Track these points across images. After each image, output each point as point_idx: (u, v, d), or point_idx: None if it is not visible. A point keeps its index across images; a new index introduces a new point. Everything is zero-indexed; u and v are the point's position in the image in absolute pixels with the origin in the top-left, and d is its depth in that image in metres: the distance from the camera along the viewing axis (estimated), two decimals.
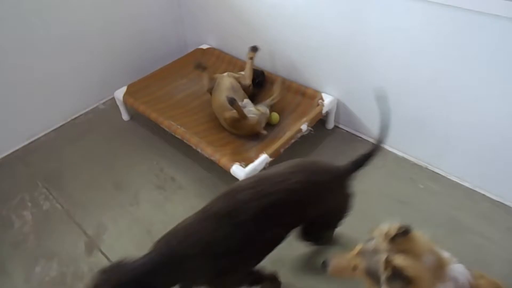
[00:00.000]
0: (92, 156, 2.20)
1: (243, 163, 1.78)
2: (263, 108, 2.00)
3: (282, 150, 1.88)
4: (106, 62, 2.51)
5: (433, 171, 1.95)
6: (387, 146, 2.09)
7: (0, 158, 2.22)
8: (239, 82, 2.11)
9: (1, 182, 2.08)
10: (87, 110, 2.53)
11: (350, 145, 2.14)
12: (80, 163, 2.16)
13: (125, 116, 2.42)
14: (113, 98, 2.56)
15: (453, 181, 1.90)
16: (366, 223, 1.71)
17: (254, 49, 2.22)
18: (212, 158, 1.83)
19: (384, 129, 1.43)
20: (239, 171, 1.73)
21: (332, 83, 2.12)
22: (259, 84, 2.27)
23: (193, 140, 1.92)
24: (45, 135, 2.37)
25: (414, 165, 1.99)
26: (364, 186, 1.88)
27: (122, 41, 2.54)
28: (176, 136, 2.00)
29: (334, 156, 2.06)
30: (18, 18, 2.00)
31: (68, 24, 2.22)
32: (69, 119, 2.46)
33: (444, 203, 1.80)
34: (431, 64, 1.68)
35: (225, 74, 2.15)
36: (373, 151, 1.40)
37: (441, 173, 1.93)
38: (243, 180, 1.31)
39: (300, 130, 1.94)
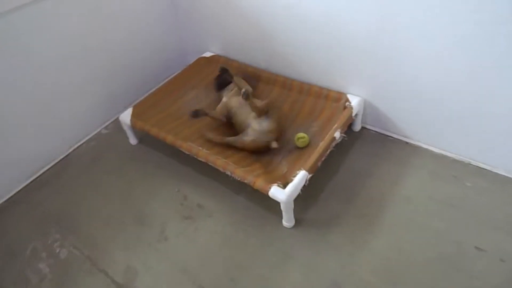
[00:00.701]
0: (104, 188, 2.00)
1: (279, 182, 1.62)
2: (263, 123, 1.79)
3: (319, 163, 1.72)
4: (104, 84, 2.30)
5: (477, 167, 1.83)
6: (422, 144, 1.96)
7: (1, 203, 2.00)
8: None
9: (8, 230, 1.86)
10: (89, 137, 2.32)
11: (382, 146, 2.00)
12: (93, 198, 1.95)
13: (133, 140, 2.22)
14: (116, 121, 2.37)
15: (501, 175, 1.78)
16: (423, 234, 1.63)
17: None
18: (245, 181, 1.66)
19: None
20: (278, 193, 1.57)
21: (356, 82, 1.97)
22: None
23: (219, 163, 1.74)
24: (47, 170, 2.14)
25: (455, 161, 1.87)
26: (407, 192, 1.77)
27: (119, 60, 2.33)
28: (199, 159, 1.82)
29: (368, 160, 1.92)
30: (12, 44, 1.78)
31: (61, 50, 1.99)
32: (71, 150, 2.24)
33: (497, 200, 1.69)
34: (468, 58, 1.55)
35: (231, 92, 2.03)
36: None
37: (486, 168, 1.81)
38: None
39: (334, 138, 1.78)
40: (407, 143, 2.00)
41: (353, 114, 1.91)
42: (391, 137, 2.04)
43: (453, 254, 1.52)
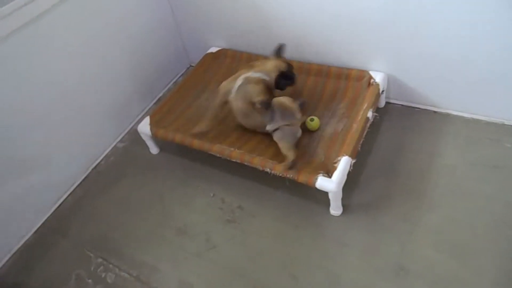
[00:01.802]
0: (136, 205, 1.92)
1: (323, 172, 1.57)
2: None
3: (359, 147, 1.68)
4: (111, 97, 2.19)
5: None
6: (451, 111, 1.94)
7: (31, 235, 1.91)
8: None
9: (45, 263, 1.78)
10: (106, 153, 2.22)
11: (411, 119, 1.97)
12: (126, 217, 1.88)
13: (154, 150, 2.13)
14: (130, 132, 2.29)
15: None
16: (473, 201, 1.61)
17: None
18: (288, 176, 1.61)
19: None
20: (327, 183, 1.53)
21: (377, 57, 1.92)
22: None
23: (256, 161, 1.68)
24: (70, 194, 2.05)
25: (488, 124, 1.85)
26: (447, 161, 1.75)
27: (122, 71, 2.22)
28: (233, 160, 1.75)
29: (401, 135, 1.89)
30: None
31: (61, 70, 1.88)
32: (90, 169, 2.15)
33: None
34: (490, 19, 1.51)
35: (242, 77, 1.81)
36: None
37: None
38: None
39: (368, 119, 1.74)
40: (435, 112, 1.97)
41: (380, 91, 1.86)
42: (418, 108, 2.01)
43: (508, 215, 1.52)
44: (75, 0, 1.83)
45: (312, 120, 1.79)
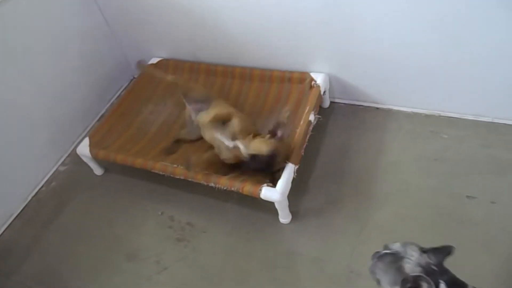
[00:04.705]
0: (81, 232, 1.82)
1: (267, 181, 1.55)
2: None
3: (302, 152, 1.67)
4: (50, 118, 2.06)
5: (448, 117, 1.87)
6: (392, 106, 1.97)
7: None
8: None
9: None
10: (47, 178, 2.09)
11: (356, 117, 1.99)
12: (71, 246, 1.77)
13: (97, 171, 2.03)
14: (72, 154, 2.16)
15: (470, 120, 1.83)
16: (419, 195, 1.64)
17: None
18: (233, 188, 1.57)
19: None
20: (271, 194, 1.50)
21: (317, 59, 1.91)
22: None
23: (200, 177, 1.63)
24: (8, 228, 1.91)
25: (427, 116, 1.90)
26: (392, 157, 1.78)
27: (60, 90, 2.10)
28: (176, 177, 1.69)
29: (346, 134, 1.91)
30: None
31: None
32: (29, 197, 2.01)
33: (474, 145, 1.74)
34: (425, 12, 1.54)
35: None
36: None
37: (456, 116, 1.85)
38: None
39: (310, 122, 1.73)
40: (377, 108, 1.99)
41: (322, 92, 1.86)
42: (362, 105, 2.03)
43: (450, 207, 1.56)
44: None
45: None
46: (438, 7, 1.51)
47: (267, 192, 1.51)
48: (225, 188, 1.59)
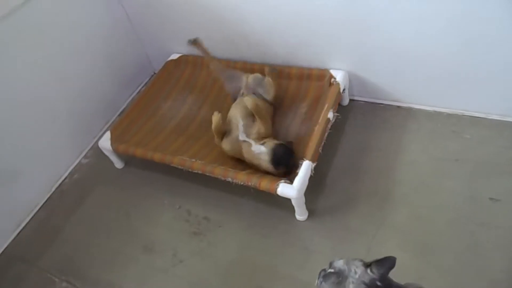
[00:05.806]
0: (101, 225, 1.87)
1: (285, 178, 1.55)
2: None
3: (320, 149, 1.66)
4: (74, 111, 2.12)
5: (471, 116, 1.81)
6: (414, 105, 1.93)
7: None
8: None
9: None
10: (69, 170, 2.15)
11: (375, 115, 1.95)
12: (90, 237, 1.83)
13: (118, 164, 2.08)
14: (94, 147, 2.22)
15: (496, 120, 1.77)
16: (437, 196, 1.61)
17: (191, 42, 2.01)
18: (250, 184, 1.58)
19: None
20: (288, 190, 1.51)
21: (337, 55, 1.89)
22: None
23: (217, 171, 1.65)
24: (32, 218, 1.98)
25: (450, 116, 1.85)
26: (411, 157, 1.75)
27: (83, 85, 2.15)
28: (194, 171, 1.72)
29: (365, 133, 1.88)
30: None
31: (22, 85, 1.82)
32: (53, 189, 2.08)
33: (498, 146, 1.68)
34: (445, 9, 1.50)
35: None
36: None
37: (481, 116, 1.80)
38: None
39: (329, 120, 1.72)
40: (398, 107, 1.96)
41: (341, 90, 1.84)
42: (382, 104, 1.99)
43: (471, 209, 1.52)
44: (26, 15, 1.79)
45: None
46: (462, 5, 1.47)
47: (284, 189, 1.51)
48: (242, 184, 1.60)
